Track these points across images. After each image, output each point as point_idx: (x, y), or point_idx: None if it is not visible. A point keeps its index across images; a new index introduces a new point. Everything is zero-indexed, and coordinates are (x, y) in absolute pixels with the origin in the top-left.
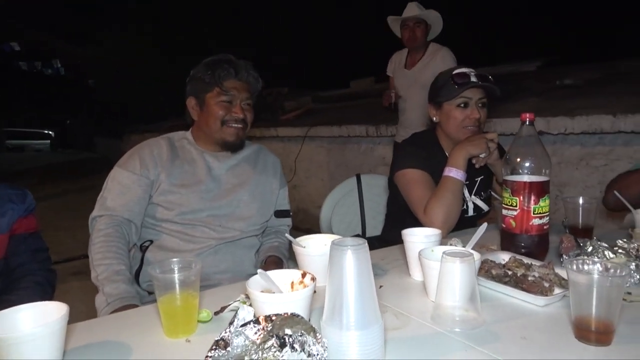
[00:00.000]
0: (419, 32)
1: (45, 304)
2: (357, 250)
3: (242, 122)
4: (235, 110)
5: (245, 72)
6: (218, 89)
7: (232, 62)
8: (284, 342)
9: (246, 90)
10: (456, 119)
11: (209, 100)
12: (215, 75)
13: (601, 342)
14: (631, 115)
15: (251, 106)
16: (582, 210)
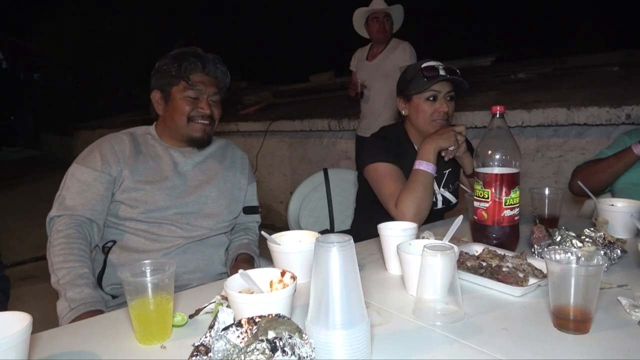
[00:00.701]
0: (387, 25)
1: (5, 315)
2: (343, 247)
3: (208, 118)
4: (201, 105)
5: (212, 66)
6: (184, 83)
7: (200, 55)
8: (275, 346)
9: (213, 85)
10: (425, 112)
11: (175, 95)
12: (182, 68)
13: (579, 331)
14: (584, 108)
15: (219, 102)
16: (549, 200)
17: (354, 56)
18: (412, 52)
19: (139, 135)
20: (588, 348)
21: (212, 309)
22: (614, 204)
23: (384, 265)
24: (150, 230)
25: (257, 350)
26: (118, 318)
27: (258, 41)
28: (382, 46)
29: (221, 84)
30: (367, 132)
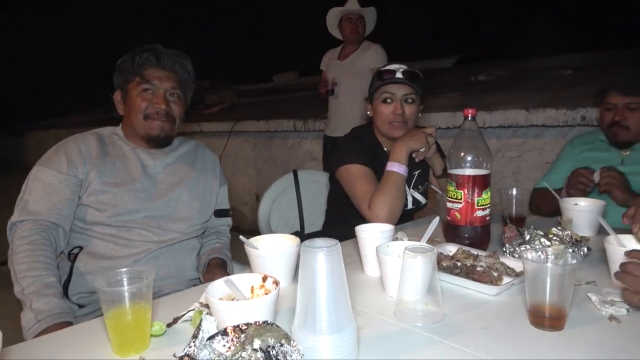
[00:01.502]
0: (360, 26)
1: None
2: (330, 252)
3: (166, 115)
4: (156, 101)
5: (169, 61)
6: (139, 79)
7: (154, 49)
8: (269, 355)
9: (171, 80)
10: (382, 114)
11: (131, 92)
12: (135, 63)
13: (555, 328)
14: (542, 110)
15: (179, 98)
16: (516, 200)
17: (325, 56)
18: (384, 54)
19: (106, 136)
20: (564, 344)
21: (190, 316)
22: (577, 202)
23: (361, 267)
24: (119, 234)
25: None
26: (91, 329)
27: (221, 40)
28: (355, 47)
29: (181, 79)
30: (335, 132)
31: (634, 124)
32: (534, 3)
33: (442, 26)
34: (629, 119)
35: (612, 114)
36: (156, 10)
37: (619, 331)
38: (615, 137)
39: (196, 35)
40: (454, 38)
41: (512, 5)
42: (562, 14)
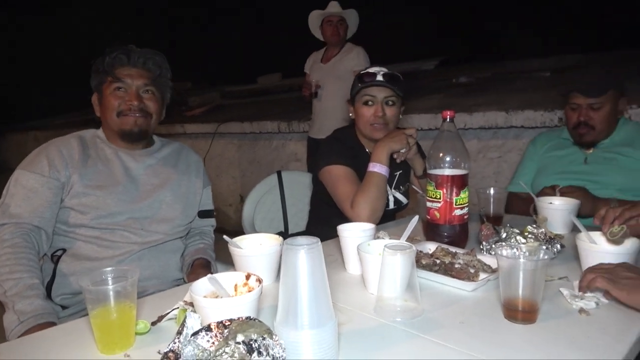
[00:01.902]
0: (342, 29)
1: None
2: (311, 249)
3: (139, 110)
4: (128, 98)
5: (140, 58)
6: (111, 78)
7: (125, 49)
8: (251, 347)
9: (143, 77)
10: (363, 116)
11: (105, 92)
12: (106, 63)
13: (527, 321)
14: (521, 112)
15: (154, 94)
16: (494, 200)
17: (309, 59)
18: (366, 56)
19: (88, 139)
20: (536, 337)
21: (175, 315)
22: (552, 201)
23: (343, 265)
24: (102, 236)
25: (225, 354)
26: (76, 328)
27: (203, 41)
28: (337, 49)
29: (153, 76)
30: (319, 134)
31: (598, 123)
32: (514, 7)
33: (425, 29)
34: (593, 118)
35: (577, 114)
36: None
37: (588, 323)
38: (581, 137)
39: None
40: (437, 40)
41: (493, 10)
42: (541, 18)
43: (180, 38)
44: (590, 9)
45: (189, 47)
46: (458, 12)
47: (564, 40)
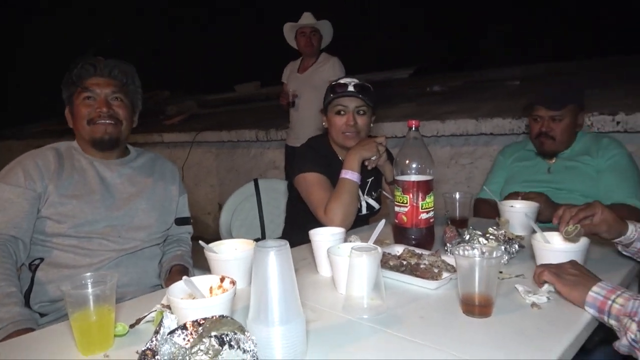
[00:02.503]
0: (315, 40)
1: None
2: (279, 251)
3: (109, 117)
4: (98, 105)
5: (106, 68)
6: (80, 89)
7: (92, 60)
8: (222, 341)
9: (111, 85)
10: (336, 125)
11: (75, 102)
12: (74, 75)
13: (484, 314)
14: (490, 119)
15: (123, 102)
16: (459, 204)
17: (286, 68)
18: (341, 67)
19: (63, 150)
20: (491, 329)
21: (153, 317)
22: (513, 205)
23: (315, 269)
24: (80, 245)
25: (200, 352)
26: (57, 331)
27: (181, 49)
28: (313, 60)
29: (120, 83)
30: (296, 142)
31: (559, 134)
32: (486, 18)
33: (400, 38)
34: (554, 129)
35: (539, 125)
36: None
37: (539, 316)
38: (542, 146)
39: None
40: (412, 50)
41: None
42: (512, 29)
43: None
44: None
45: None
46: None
47: (533, 50)
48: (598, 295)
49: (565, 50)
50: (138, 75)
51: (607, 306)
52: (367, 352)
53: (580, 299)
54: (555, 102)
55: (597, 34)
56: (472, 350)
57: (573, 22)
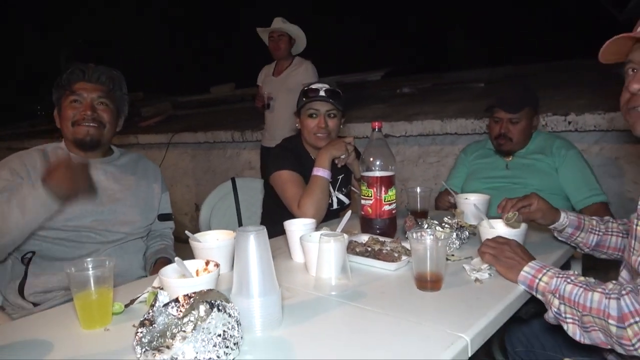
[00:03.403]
0: (282, 43)
1: None
2: (258, 234)
3: (92, 120)
4: (83, 108)
5: (95, 74)
6: (68, 92)
7: (82, 66)
8: (212, 304)
9: (97, 90)
10: (308, 126)
11: (62, 104)
12: (64, 79)
13: (434, 289)
14: (454, 120)
15: (108, 106)
16: (420, 197)
17: (261, 72)
18: (314, 70)
19: (50, 151)
20: (440, 300)
21: (145, 298)
22: (468, 197)
23: (289, 256)
24: (68, 238)
25: (190, 322)
26: (60, 311)
27: (155, 51)
28: (287, 63)
29: (107, 89)
30: (271, 143)
31: (516, 136)
32: (453, 21)
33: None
34: (511, 131)
35: (498, 127)
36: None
37: (480, 289)
38: (500, 146)
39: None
40: (383, 53)
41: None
42: (477, 32)
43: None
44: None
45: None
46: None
47: (497, 53)
48: (528, 274)
49: (526, 53)
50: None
51: (535, 284)
52: (336, 321)
53: (514, 279)
54: (513, 106)
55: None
56: (424, 316)
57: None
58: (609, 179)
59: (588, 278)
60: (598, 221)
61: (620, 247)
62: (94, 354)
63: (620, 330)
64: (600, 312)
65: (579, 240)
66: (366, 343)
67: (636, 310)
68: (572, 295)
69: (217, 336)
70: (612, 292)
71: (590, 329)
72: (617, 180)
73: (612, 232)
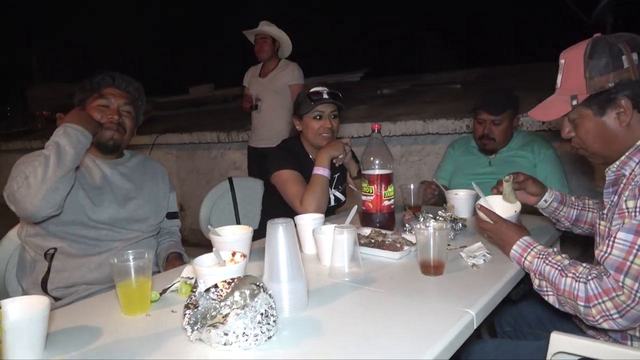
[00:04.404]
0: (266, 46)
1: (29, 298)
2: (286, 226)
3: (117, 125)
4: (110, 112)
5: (123, 82)
6: (96, 95)
7: (111, 73)
8: (258, 286)
9: (124, 97)
10: (313, 128)
11: (88, 105)
12: (94, 83)
13: (437, 273)
14: (436, 120)
15: (130, 114)
16: (414, 193)
17: (247, 73)
18: (300, 72)
19: None
20: (442, 283)
21: (177, 287)
22: (457, 193)
23: (299, 248)
24: (89, 235)
25: (227, 306)
26: (104, 299)
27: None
28: (273, 65)
29: (132, 98)
30: (259, 143)
31: (498, 136)
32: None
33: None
34: (494, 132)
35: (482, 127)
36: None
37: (477, 273)
38: (484, 146)
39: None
40: (362, 54)
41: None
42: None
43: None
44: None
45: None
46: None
47: (471, 55)
48: (516, 252)
49: (499, 55)
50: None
51: (522, 261)
52: (354, 302)
53: (508, 254)
54: (496, 108)
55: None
56: (432, 297)
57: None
58: (579, 174)
59: (564, 256)
60: (576, 198)
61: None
62: (144, 336)
63: (586, 309)
64: (571, 294)
65: (562, 215)
66: (384, 319)
67: (599, 294)
68: (550, 276)
69: (260, 314)
70: (582, 275)
71: (564, 304)
72: (587, 176)
73: (589, 209)
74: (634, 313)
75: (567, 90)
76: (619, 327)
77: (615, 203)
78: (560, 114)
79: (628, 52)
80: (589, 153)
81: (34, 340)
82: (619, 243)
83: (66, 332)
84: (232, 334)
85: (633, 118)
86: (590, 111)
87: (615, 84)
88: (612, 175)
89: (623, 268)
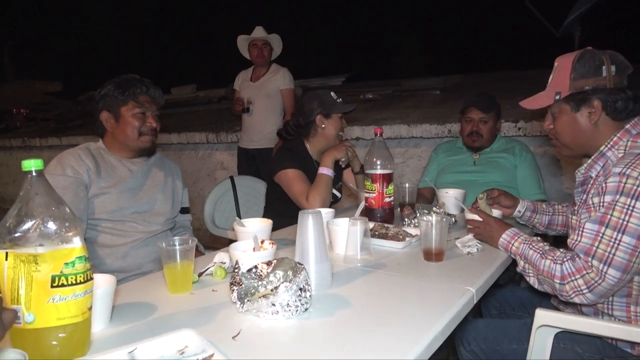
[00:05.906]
0: (266, 51)
1: (98, 276)
2: (315, 216)
3: (154, 130)
4: (149, 120)
5: (153, 89)
6: (133, 103)
7: (142, 80)
8: (300, 265)
9: (155, 104)
10: (338, 126)
11: (125, 113)
12: (130, 91)
13: (438, 260)
14: (420, 125)
15: (159, 120)
16: (408, 191)
17: (238, 77)
18: (291, 77)
19: (93, 149)
20: (443, 268)
21: (211, 271)
22: (447, 191)
23: None
24: (116, 227)
25: (262, 286)
26: (152, 279)
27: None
28: (264, 70)
29: (160, 104)
30: (250, 144)
31: (485, 133)
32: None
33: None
34: (482, 129)
35: (470, 125)
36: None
37: (471, 259)
38: (472, 143)
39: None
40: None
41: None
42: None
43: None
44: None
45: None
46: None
47: (449, 62)
48: (505, 240)
49: (476, 63)
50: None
51: (510, 247)
52: (369, 283)
53: (496, 245)
54: (484, 106)
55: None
56: (436, 278)
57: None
58: (551, 177)
59: (545, 243)
60: (547, 205)
61: (565, 223)
62: (195, 309)
63: (561, 285)
64: (549, 274)
65: (536, 221)
66: (398, 295)
67: (572, 272)
68: (532, 259)
69: (299, 289)
70: (558, 258)
71: (543, 283)
72: (558, 178)
73: (559, 213)
74: (600, 289)
75: (555, 87)
76: (588, 301)
77: (584, 200)
78: (544, 104)
79: (608, 64)
80: (560, 144)
81: (106, 311)
82: (586, 232)
83: (126, 307)
84: (278, 305)
85: (601, 118)
86: (569, 107)
87: (592, 87)
88: (581, 177)
89: (590, 252)
